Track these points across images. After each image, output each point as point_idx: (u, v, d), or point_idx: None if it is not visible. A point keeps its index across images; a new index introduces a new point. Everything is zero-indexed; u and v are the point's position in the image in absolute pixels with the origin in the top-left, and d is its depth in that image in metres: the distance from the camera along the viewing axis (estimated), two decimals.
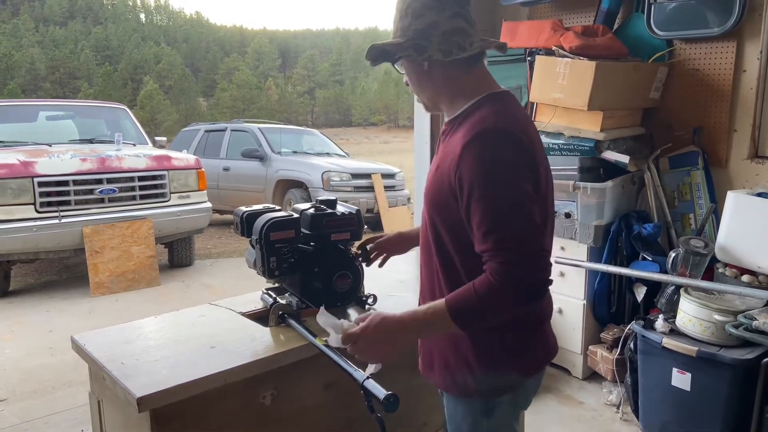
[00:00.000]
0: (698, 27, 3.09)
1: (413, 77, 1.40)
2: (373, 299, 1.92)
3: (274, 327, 1.76)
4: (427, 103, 1.45)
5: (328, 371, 1.65)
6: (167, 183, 5.80)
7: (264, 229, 1.76)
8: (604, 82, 2.92)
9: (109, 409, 1.68)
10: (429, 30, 1.31)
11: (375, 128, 61.46)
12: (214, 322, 1.84)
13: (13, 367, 3.69)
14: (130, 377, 1.44)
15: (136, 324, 1.85)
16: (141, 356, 1.57)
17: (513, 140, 1.25)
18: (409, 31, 1.33)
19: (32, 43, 72.92)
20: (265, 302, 1.96)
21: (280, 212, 1.87)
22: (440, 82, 1.36)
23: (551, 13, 3.72)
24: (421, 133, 4.04)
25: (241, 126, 9.60)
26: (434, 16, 1.31)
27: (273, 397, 1.60)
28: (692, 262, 2.85)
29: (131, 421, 1.50)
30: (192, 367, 1.50)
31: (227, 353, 1.59)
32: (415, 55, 1.32)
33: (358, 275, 1.87)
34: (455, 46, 1.31)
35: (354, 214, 1.88)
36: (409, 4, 1.33)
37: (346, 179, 8.13)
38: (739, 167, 3.10)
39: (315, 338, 1.58)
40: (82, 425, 2.95)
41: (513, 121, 1.29)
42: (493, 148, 1.23)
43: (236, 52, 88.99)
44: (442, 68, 1.34)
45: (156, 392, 1.38)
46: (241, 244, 8.00)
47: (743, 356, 2.42)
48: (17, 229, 4.92)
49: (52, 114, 6.76)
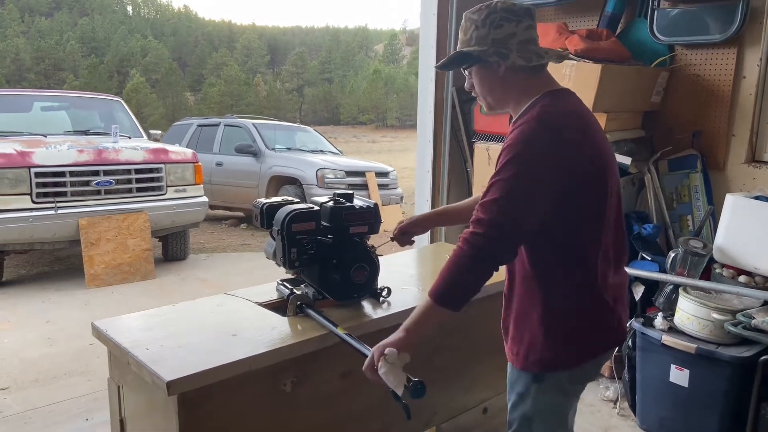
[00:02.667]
0: (700, 33, 3.17)
1: (486, 81, 1.54)
2: (387, 291, 1.96)
3: (291, 317, 1.79)
4: (492, 104, 1.57)
5: (345, 360, 1.70)
6: (164, 176, 5.79)
7: (286, 221, 1.79)
8: (609, 85, 2.99)
9: (130, 394, 1.69)
10: (508, 39, 1.47)
11: (363, 127, 61.38)
12: (232, 312, 1.87)
13: (13, 356, 3.68)
14: (157, 362, 1.47)
15: (155, 312, 1.86)
16: (165, 342, 1.60)
17: (549, 131, 1.39)
18: (488, 40, 1.47)
19: (17, 34, 71.78)
20: (280, 293, 1.98)
21: (300, 204, 1.90)
22: (512, 85, 1.51)
23: (555, 16, 3.79)
24: (423, 134, 4.08)
25: (235, 121, 9.58)
26: (512, 28, 1.47)
27: (293, 385, 1.64)
28: (691, 262, 2.92)
29: (156, 406, 1.53)
30: (217, 354, 1.52)
31: (250, 341, 1.62)
32: (500, 60, 1.46)
33: (375, 268, 1.90)
34: (533, 54, 1.47)
35: (372, 207, 1.91)
36: (487, 15, 1.48)
37: (341, 177, 8.17)
38: (736, 171, 3.18)
39: (336, 327, 1.62)
40: (86, 414, 2.96)
41: (558, 114, 1.42)
42: (526, 136, 1.39)
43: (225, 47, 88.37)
44: (515, 73, 1.48)
45: (185, 376, 1.40)
46: (234, 239, 8.00)
47: (741, 354, 2.49)
48: (13, 219, 4.88)
49: (46, 104, 6.71)
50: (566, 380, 1.53)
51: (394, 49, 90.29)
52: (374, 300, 1.95)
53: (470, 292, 1.40)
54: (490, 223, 1.35)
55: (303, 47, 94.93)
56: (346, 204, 1.90)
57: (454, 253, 1.39)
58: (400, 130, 55.73)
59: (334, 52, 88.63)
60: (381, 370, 1.38)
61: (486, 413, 2.23)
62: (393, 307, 1.91)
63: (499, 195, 1.36)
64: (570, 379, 1.53)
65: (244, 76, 67.40)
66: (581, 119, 1.47)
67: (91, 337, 1.76)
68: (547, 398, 1.53)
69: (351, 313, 1.85)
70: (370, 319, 1.83)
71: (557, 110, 1.43)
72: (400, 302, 1.95)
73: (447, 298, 1.39)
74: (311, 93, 74.22)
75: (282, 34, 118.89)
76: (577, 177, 1.39)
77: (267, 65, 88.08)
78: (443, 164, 3.99)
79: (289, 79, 78.85)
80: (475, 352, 2.15)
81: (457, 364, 2.11)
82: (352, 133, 52.39)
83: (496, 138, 3.69)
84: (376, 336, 1.63)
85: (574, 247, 1.46)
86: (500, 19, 1.47)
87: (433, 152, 4.01)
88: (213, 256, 6.87)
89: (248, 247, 7.44)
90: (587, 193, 1.43)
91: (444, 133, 3.96)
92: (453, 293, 1.40)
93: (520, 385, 1.56)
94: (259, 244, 7.61)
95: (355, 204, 1.91)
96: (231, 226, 9.11)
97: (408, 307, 1.90)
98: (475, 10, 1.51)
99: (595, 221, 1.45)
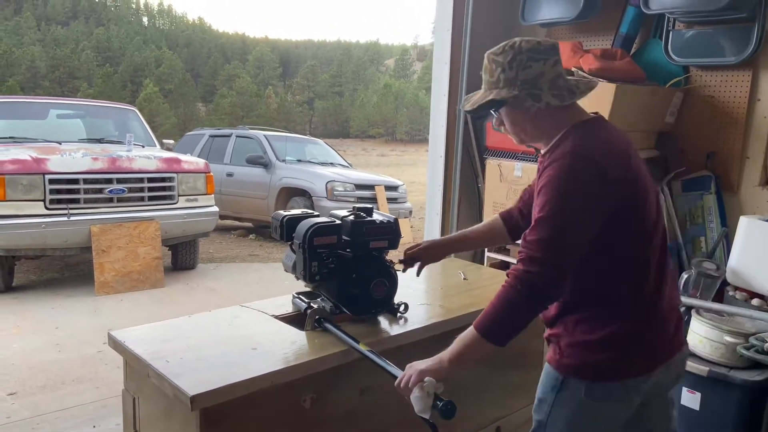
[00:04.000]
0: (715, 55, 3.17)
1: (517, 120, 1.53)
2: (404, 307, 1.94)
3: (309, 331, 1.77)
4: (525, 140, 1.58)
5: (364, 376, 1.69)
6: (176, 185, 5.84)
7: (308, 234, 1.77)
8: (623, 105, 3.00)
9: (147, 406, 1.68)
10: (537, 79, 1.46)
11: (372, 141, 61.58)
12: (249, 324, 1.85)
13: (21, 361, 3.70)
14: (179, 375, 1.45)
15: (171, 323, 1.86)
16: (184, 355, 1.58)
17: (586, 162, 1.39)
18: (517, 82, 1.46)
19: (33, 41, 72.81)
20: (296, 306, 1.97)
21: (322, 218, 1.89)
22: (544, 122, 1.50)
23: (569, 35, 3.81)
24: (435, 149, 4.08)
25: (247, 132, 9.65)
26: (540, 67, 1.46)
27: (312, 401, 1.61)
28: (704, 285, 2.90)
29: (175, 420, 1.51)
30: (239, 368, 1.51)
31: (270, 355, 1.61)
32: (533, 102, 1.45)
33: (393, 283, 1.89)
34: (566, 91, 1.47)
35: (392, 222, 1.90)
36: (513, 57, 1.46)
37: (350, 189, 8.19)
38: (750, 193, 3.17)
39: (358, 344, 1.61)
40: (94, 421, 2.96)
41: (593, 145, 1.43)
42: (566, 171, 1.39)
43: (237, 59, 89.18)
44: (547, 110, 1.47)
45: (208, 391, 1.39)
46: (243, 250, 8.02)
47: (753, 378, 2.46)
48: (26, 224, 4.94)
49: (62, 112, 6.79)
50: (582, 392, 1.51)
51: (404, 64, 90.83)
52: (390, 315, 1.93)
53: (520, 330, 1.43)
54: (543, 263, 1.37)
55: (314, 60, 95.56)
56: (366, 218, 1.88)
57: (506, 291, 1.40)
58: (409, 144, 55.86)
59: (345, 65, 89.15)
60: (413, 395, 1.39)
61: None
62: (410, 323, 1.90)
63: (548, 234, 1.37)
64: (589, 393, 1.51)
65: (255, 88, 67.86)
66: (616, 146, 1.47)
67: (99, 344, 1.76)
68: (562, 409, 1.53)
69: (369, 328, 1.84)
70: (388, 336, 1.81)
71: (592, 142, 1.44)
72: (416, 318, 1.94)
73: (496, 334, 1.41)
74: (321, 106, 74.60)
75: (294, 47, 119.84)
76: (618, 204, 1.41)
77: (278, 78, 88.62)
78: (454, 179, 3.99)
79: (300, 91, 79.32)
80: (489, 370, 2.12)
81: (471, 383, 2.10)
82: (361, 146, 52.56)
83: (508, 154, 3.69)
84: (395, 353, 1.63)
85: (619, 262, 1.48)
86: (527, 60, 1.45)
87: (445, 167, 4.01)
88: (222, 265, 6.89)
89: (256, 258, 7.46)
90: (631, 214, 1.45)
91: (456, 148, 3.96)
92: (503, 330, 1.41)
93: (542, 388, 1.58)
94: (267, 254, 7.64)
95: (375, 218, 1.90)
96: (239, 237, 9.14)
97: (424, 324, 1.90)
98: (499, 52, 1.49)
99: (638, 239, 1.48)
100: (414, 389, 1.39)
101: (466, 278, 2.46)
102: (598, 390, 1.50)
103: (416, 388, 1.39)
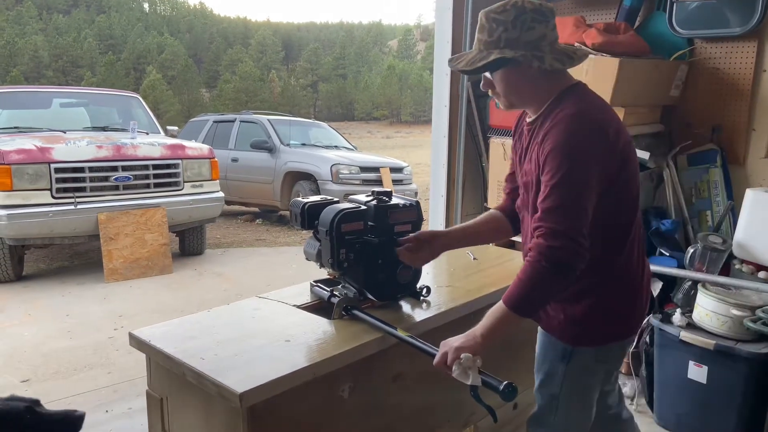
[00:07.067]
0: (720, 26, 3.13)
1: (512, 82, 1.50)
2: (427, 291, 1.91)
3: (337, 319, 1.72)
4: (515, 103, 1.56)
5: (397, 363, 1.69)
6: (181, 172, 5.84)
7: (336, 221, 1.72)
8: (627, 79, 2.96)
9: (179, 407, 1.59)
10: (540, 41, 1.44)
11: (377, 123, 61.42)
12: (273, 316, 1.78)
13: (33, 349, 3.74)
14: (221, 372, 1.39)
15: (193, 318, 1.77)
16: (218, 351, 1.51)
17: (590, 123, 1.41)
18: (520, 42, 1.43)
19: (36, 31, 72.72)
20: (316, 295, 1.90)
21: (346, 204, 1.82)
22: (541, 85, 1.49)
23: (572, 9, 3.76)
24: (438, 128, 4.06)
25: (250, 117, 9.63)
26: (543, 29, 1.44)
27: (351, 390, 1.58)
28: (710, 258, 2.89)
29: (215, 419, 1.45)
30: (279, 362, 1.46)
31: (306, 347, 1.55)
32: (540, 64, 1.43)
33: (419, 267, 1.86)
34: (565, 56, 1.46)
35: (415, 205, 1.85)
36: (516, 17, 1.42)
37: (355, 172, 8.18)
38: (756, 166, 3.14)
39: (396, 329, 1.58)
40: (106, 406, 3.00)
41: (593, 107, 1.45)
42: (572, 134, 1.39)
43: (240, 43, 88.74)
44: (545, 74, 1.47)
45: (255, 387, 1.34)
46: (249, 235, 8.05)
47: (760, 350, 2.47)
48: (33, 214, 4.97)
49: (66, 101, 6.79)
50: (592, 358, 1.57)
51: (408, 45, 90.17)
52: (413, 299, 1.89)
53: (549, 302, 1.50)
54: (565, 235, 1.36)
55: (317, 43, 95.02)
56: (390, 202, 1.82)
57: (532, 267, 1.39)
58: (414, 125, 55.68)
59: (348, 47, 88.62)
60: (455, 372, 1.41)
61: (516, 409, 2.19)
62: (436, 306, 1.86)
63: (564, 200, 1.37)
64: (597, 357, 1.58)
65: (258, 73, 67.69)
66: (610, 109, 1.52)
67: (110, 330, 1.72)
68: (574, 378, 1.58)
69: (396, 313, 1.80)
70: (421, 319, 1.78)
71: (591, 105, 1.46)
72: (441, 300, 1.91)
73: (526, 308, 1.43)
74: (325, 89, 74.36)
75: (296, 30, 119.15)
76: (619, 163, 1.44)
77: (281, 61, 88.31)
78: (458, 159, 3.97)
79: (303, 75, 79.04)
80: (508, 349, 2.07)
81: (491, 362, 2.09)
82: (366, 128, 52.42)
83: (512, 133, 3.66)
84: (429, 336, 1.62)
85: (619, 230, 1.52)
86: (531, 21, 1.43)
87: (448, 147, 3.99)
88: (229, 251, 6.92)
89: (263, 242, 7.49)
90: (627, 178, 1.48)
91: (459, 127, 3.94)
92: (533, 304, 1.45)
93: (548, 364, 1.62)
94: (274, 239, 7.66)
95: (398, 202, 1.84)
96: (246, 222, 9.17)
97: (455, 305, 1.88)
98: (500, 11, 1.44)
99: (633, 206, 1.54)
100: (453, 367, 1.40)
101: (476, 258, 2.45)
102: (604, 352, 1.59)
103: (455, 366, 1.40)
